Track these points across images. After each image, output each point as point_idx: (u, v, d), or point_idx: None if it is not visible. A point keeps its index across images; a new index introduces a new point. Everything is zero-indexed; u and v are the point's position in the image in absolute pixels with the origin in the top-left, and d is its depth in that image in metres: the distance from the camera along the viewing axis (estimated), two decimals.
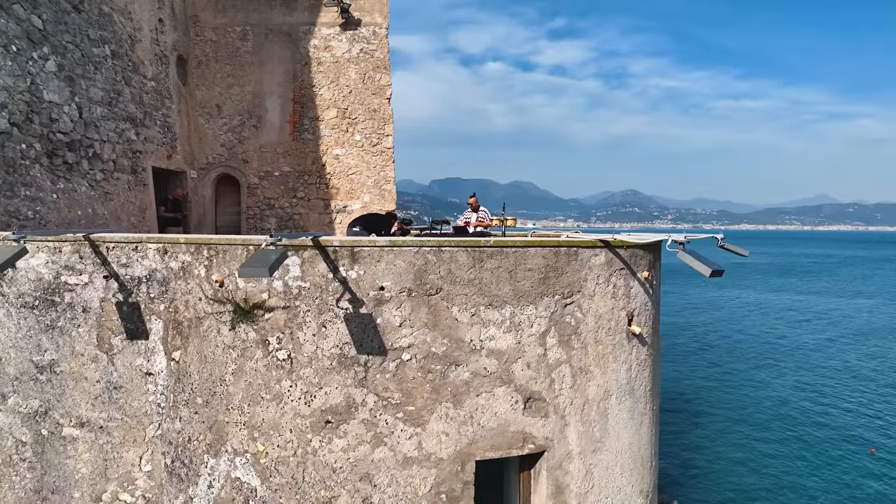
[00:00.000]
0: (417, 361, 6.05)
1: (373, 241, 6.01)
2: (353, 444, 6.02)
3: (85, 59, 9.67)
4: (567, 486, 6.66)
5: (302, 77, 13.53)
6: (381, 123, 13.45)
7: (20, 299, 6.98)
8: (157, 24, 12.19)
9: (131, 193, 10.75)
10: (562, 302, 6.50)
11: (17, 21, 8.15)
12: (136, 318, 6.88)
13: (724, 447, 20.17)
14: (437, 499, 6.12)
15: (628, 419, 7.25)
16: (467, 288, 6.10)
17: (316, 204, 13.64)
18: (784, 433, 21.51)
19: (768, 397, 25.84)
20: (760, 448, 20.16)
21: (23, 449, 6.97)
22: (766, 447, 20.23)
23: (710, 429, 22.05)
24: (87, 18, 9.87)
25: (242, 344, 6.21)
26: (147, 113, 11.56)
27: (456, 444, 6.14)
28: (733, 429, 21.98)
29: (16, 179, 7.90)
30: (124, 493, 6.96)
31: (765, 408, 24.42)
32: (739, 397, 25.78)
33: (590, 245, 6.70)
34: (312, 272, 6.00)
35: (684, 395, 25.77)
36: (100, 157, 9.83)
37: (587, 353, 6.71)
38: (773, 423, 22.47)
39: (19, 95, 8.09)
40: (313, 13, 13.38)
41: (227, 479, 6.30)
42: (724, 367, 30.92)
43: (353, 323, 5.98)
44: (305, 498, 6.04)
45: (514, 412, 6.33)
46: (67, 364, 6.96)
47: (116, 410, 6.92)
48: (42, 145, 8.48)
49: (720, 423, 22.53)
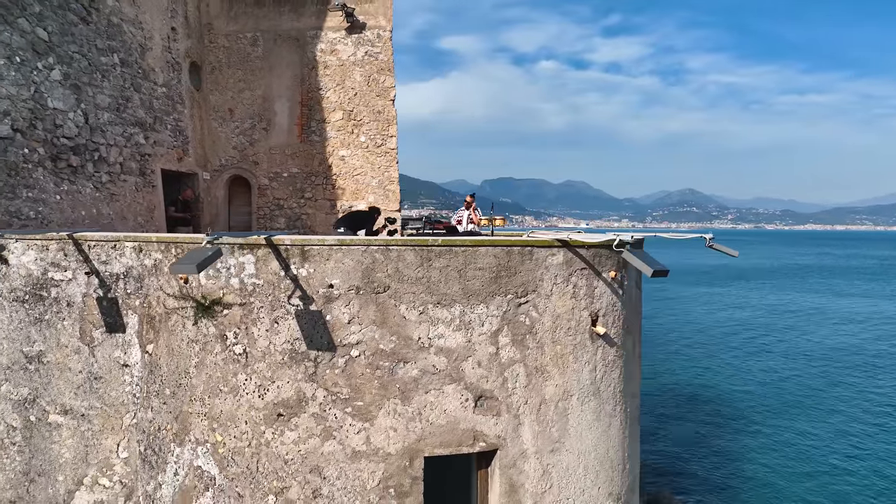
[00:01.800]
0: (366, 358, 6.18)
1: (322, 240, 6.17)
2: (303, 436, 6.20)
3: (92, 68, 10.22)
4: (522, 486, 6.66)
5: (309, 80, 13.88)
6: (385, 125, 13.66)
7: (12, 293, 7.47)
8: (169, 32, 12.74)
9: (139, 195, 11.28)
10: (515, 301, 6.51)
11: (21, 33, 8.70)
12: (115, 313, 7.26)
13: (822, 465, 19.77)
14: (386, 493, 6.23)
15: (593, 420, 7.18)
16: (415, 286, 6.20)
17: (323, 204, 13.97)
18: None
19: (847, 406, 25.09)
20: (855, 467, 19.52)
21: (13, 433, 7.45)
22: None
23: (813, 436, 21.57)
24: (96, 29, 10.43)
25: (203, 338, 6.48)
26: (157, 118, 12.10)
27: (404, 439, 6.24)
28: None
29: (17, 182, 8.44)
30: (103, 478, 7.35)
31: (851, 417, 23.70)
32: (820, 406, 25.15)
33: (546, 245, 6.68)
34: (266, 270, 6.22)
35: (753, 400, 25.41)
36: (105, 161, 10.36)
37: (544, 352, 6.69)
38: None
39: (22, 103, 8.64)
40: (320, 18, 13.71)
41: (191, 467, 6.58)
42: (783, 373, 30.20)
43: (304, 319, 6.16)
44: (259, 487, 6.26)
45: (464, 410, 6.38)
46: (53, 355, 7.40)
47: (96, 399, 7.32)
48: (46, 149, 9.02)
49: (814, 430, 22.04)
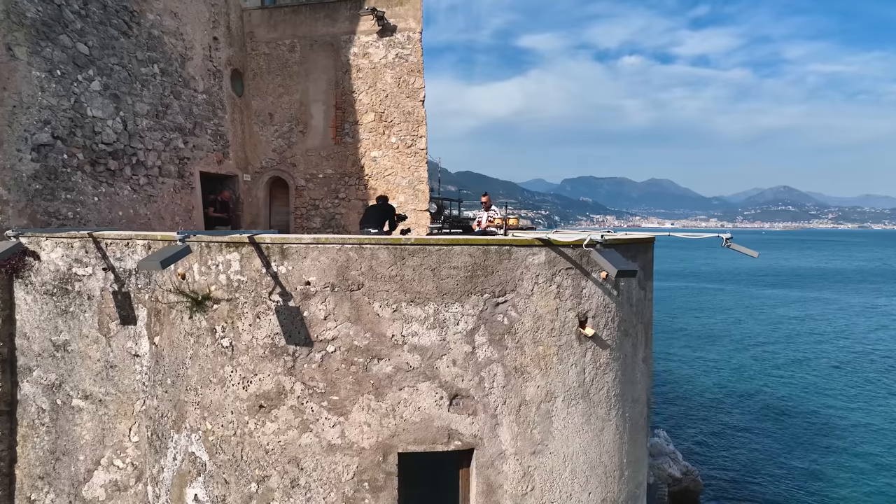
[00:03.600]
0: (341, 353, 6.34)
1: (299, 238, 6.38)
2: (282, 428, 6.43)
3: (132, 78, 10.97)
4: (500, 486, 6.61)
5: (343, 84, 14.26)
6: (414, 125, 13.83)
7: (43, 287, 8.16)
8: (210, 42, 13.45)
9: (177, 196, 12.00)
10: (492, 301, 6.47)
11: (62, 49, 9.48)
12: (128, 306, 7.80)
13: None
14: (360, 486, 6.36)
15: (582, 424, 7.02)
16: (388, 284, 6.29)
17: (356, 204, 14.31)
18: None
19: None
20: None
21: (42, 415, 8.14)
22: None
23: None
24: (136, 42, 11.18)
25: (197, 332, 6.84)
26: (197, 123, 12.82)
27: (378, 435, 6.35)
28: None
29: (57, 185, 9.20)
30: (118, 460, 7.91)
31: None
32: None
33: (526, 244, 6.59)
34: (249, 267, 6.49)
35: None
36: (143, 164, 11.10)
37: (524, 353, 6.61)
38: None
39: (63, 113, 9.41)
40: (353, 23, 14.05)
41: (186, 453, 6.97)
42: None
43: (283, 315, 6.39)
44: (242, 475, 6.55)
45: (438, 408, 6.41)
46: (76, 344, 8.03)
47: (112, 386, 7.89)
48: (85, 155, 9.78)
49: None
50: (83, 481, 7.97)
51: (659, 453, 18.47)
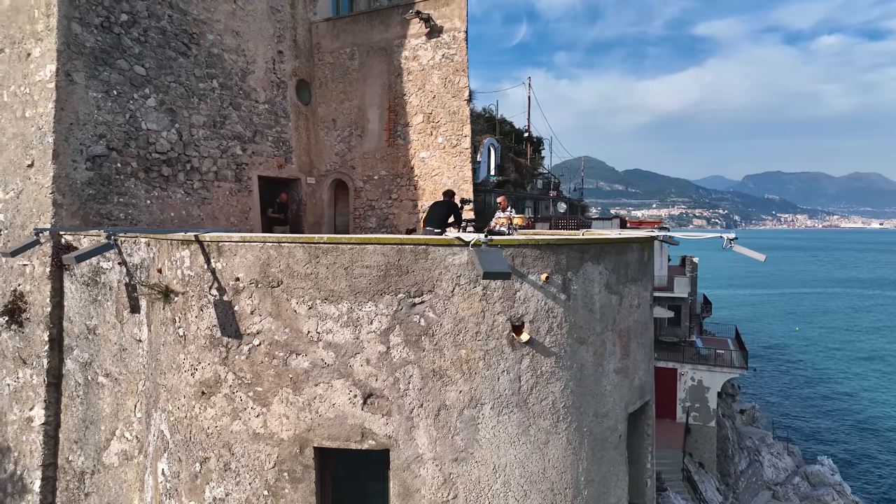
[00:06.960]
0: (265, 347, 6.63)
1: (230, 236, 6.78)
2: (219, 414, 6.89)
3: (188, 94, 12.26)
4: (417, 491, 6.47)
5: (395, 87, 14.63)
6: (459, 125, 13.79)
7: (82, 278, 9.47)
8: (275, 55, 14.55)
9: (233, 198, 13.17)
10: (408, 301, 6.36)
11: (119, 72, 10.90)
12: (135, 297, 8.79)
13: None
14: (280, 476, 6.61)
15: (518, 434, 6.64)
16: (304, 282, 6.46)
17: (406, 204, 14.62)
18: None
19: None
20: None
21: (78, 388, 9.45)
22: None
23: None
24: (195, 61, 12.48)
25: (166, 321, 7.55)
26: (257, 131, 13.95)
27: (295, 427, 6.54)
28: None
29: (110, 190, 10.61)
30: (127, 432, 8.95)
31: None
32: None
33: (445, 244, 6.38)
34: (196, 263, 7.04)
35: None
36: (198, 170, 12.35)
37: (443, 356, 6.41)
38: None
39: (118, 127, 10.82)
40: (404, 27, 14.36)
41: (158, 430, 7.72)
42: None
43: (219, 308, 6.84)
44: (190, 455, 7.11)
45: (352, 406, 6.45)
46: (102, 328, 9.21)
47: (124, 367, 8.94)
48: (139, 163, 11.15)
49: None
50: (103, 448, 9.14)
51: (821, 483, 16.35)
